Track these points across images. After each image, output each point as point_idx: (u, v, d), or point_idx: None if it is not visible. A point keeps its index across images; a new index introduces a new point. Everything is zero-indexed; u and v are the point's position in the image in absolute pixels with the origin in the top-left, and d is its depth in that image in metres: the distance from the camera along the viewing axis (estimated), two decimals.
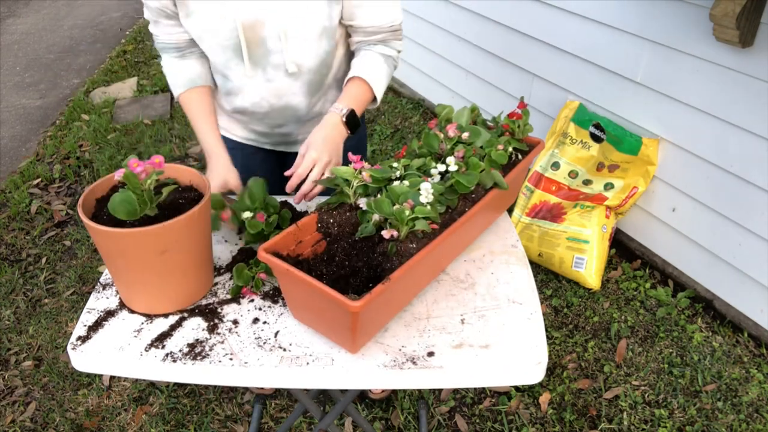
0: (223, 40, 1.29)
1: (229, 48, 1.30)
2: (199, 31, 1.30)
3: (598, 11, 2.30)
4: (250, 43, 1.29)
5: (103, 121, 3.85)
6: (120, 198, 0.96)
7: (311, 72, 1.37)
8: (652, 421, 1.90)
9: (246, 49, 1.29)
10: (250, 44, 1.29)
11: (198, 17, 1.27)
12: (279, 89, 1.38)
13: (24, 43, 5.40)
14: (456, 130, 1.22)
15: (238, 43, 1.29)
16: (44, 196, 3.15)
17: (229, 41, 1.29)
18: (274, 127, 1.50)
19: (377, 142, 3.47)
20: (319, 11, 1.27)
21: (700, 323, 2.22)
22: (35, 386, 2.10)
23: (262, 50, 1.30)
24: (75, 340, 1.05)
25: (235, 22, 1.26)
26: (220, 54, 1.32)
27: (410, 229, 1.01)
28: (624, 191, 2.32)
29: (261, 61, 1.32)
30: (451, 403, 1.97)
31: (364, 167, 1.10)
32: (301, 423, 1.89)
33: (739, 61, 1.89)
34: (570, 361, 2.10)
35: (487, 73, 3.07)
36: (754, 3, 1.71)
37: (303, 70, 1.35)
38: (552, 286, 2.41)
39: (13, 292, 2.51)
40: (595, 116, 2.42)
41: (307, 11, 1.27)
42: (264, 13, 1.25)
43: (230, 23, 1.26)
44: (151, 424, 1.93)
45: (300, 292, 1.01)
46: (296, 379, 1.00)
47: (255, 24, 1.26)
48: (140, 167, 0.96)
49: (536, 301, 1.13)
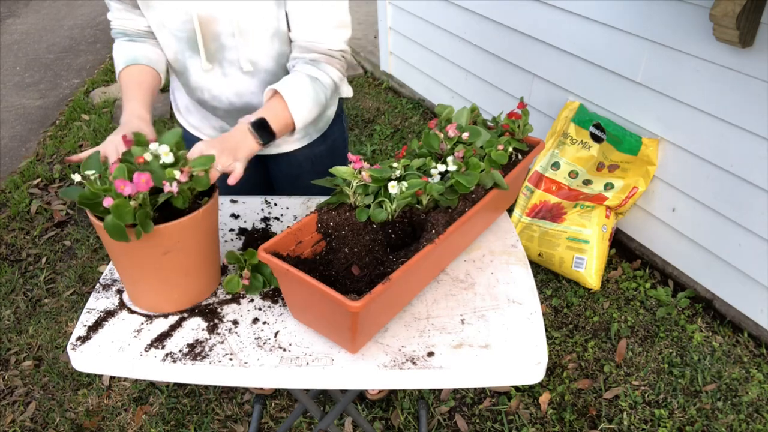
0: (179, 32, 1.30)
1: (184, 39, 1.32)
2: (158, 21, 1.32)
3: (598, 11, 2.30)
4: (205, 37, 1.30)
5: (103, 121, 3.85)
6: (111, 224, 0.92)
7: (267, 72, 1.37)
8: (652, 421, 1.90)
9: (201, 41, 1.30)
10: (206, 38, 1.30)
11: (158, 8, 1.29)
12: (237, 87, 1.38)
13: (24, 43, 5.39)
14: (456, 130, 1.22)
15: (194, 36, 1.30)
16: (44, 196, 3.14)
17: (183, 33, 1.30)
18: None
19: (377, 142, 3.47)
20: (269, 13, 1.28)
21: (700, 323, 2.22)
22: (35, 386, 2.10)
23: (216, 45, 1.31)
24: (75, 340, 1.05)
25: (190, 15, 1.27)
26: (175, 44, 1.33)
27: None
28: (624, 191, 2.32)
29: (216, 56, 1.33)
30: (451, 403, 1.97)
31: (364, 167, 1.10)
32: (301, 423, 1.89)
33: (739, 61, 1.89)
34: (570, 361, 2.10)
35: (487, 73, 3.07)
36: (754, 3, 1.71)
37: (259, 68, 1.35)
38: (552, 286, 2.41)
39: (13, 292, 2.51)
40: (596, 116, 2.42)
41: (257, 11, 1.27)
42: (218, 9, 1.27)
43: (183, 15, 1.28)
44: (151, 424, 1.93)
45: (300, 293, 1.01)
46: (296, 379, 1.00)
47: (209, 19, 1.28)
48: (128, 187, 0.91)
49: (536, 301, 1.13)
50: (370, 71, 4.35)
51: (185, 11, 1.27)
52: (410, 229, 1.12)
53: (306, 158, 1.58)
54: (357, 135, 3.56)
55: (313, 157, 1.58)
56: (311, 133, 1.55)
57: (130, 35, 1.38)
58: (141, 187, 0.92)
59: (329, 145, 1.60)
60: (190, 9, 1.26)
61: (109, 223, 0.92)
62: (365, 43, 4.69)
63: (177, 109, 1.59)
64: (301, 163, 1.59)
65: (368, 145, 3.42)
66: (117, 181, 0.91)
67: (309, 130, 1.54)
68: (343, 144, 1.66)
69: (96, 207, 0.95)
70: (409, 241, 1.11)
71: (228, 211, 1.41)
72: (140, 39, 1.38)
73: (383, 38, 3.98)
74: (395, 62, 4.00)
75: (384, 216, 1.09)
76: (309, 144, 1.56)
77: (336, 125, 1.61)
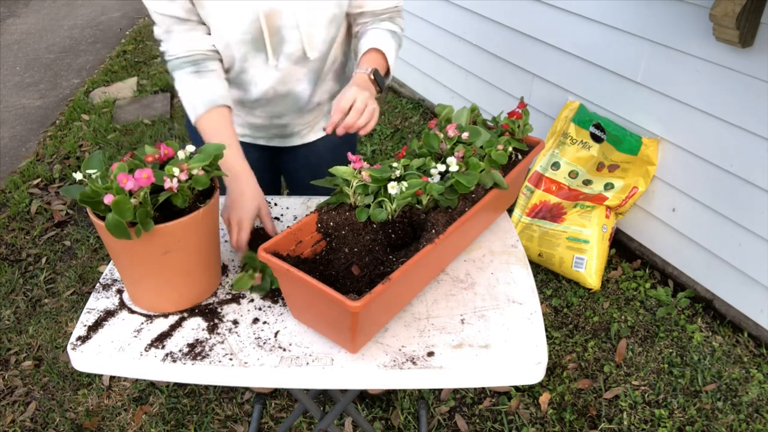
0: (242, 34, 1.29)
1: (248, 42, 1.31)
2: (218, 27, 1.29)
3: (598, 11, 2.30)
4: (269, 33, 1.30)
5: (103, 121, 3.85)
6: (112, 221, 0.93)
7: (316, 59, 1.39)
8: (652, 421, 1.90)
9: (269, 38, 1.30)
10: (270, 34, 1.30)
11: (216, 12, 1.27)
12: (285, 76, 1.39)
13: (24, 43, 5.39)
14: (456, 130, 1.22)
15: (257, 35, 1.30)
16: (44, 196, 3.14)
17: (248, 34, 1.29)
18: (273, 117, 1.49)
19: (377, 142, 3.47)
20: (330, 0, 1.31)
21: (700, 323, 2.22)
22: (35, 386, 2.10)
23: (278, 39, 1.32)
24: (75, 340, 1.05)
25: (255, 14, 1.27)
26: (238, 49, 1.32)
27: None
28: (624, 191, 2.32)
29: (277, 50, 1.34)
30: (451, 403, 1.97)
31: (364, 167, 1.10)
32: (301, 423, 1.89)
33: (739, 61, 1.89)
34: (570, 361, 2.10)
35: (487, 73, 3.07)
36: (754, 3, 1.71)
37: (310, 56, 1.37)
38: (552, 286, 2.41)
39: (13, 292, 2.51)
40: (596, 116, 2.42)
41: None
42: (280, 3, 1.27)
43: (250, 15, 1.27)
44: (151, 424, 1.93)
45: (300, 292, 1.01)
46: (296, 379, 1.00)
47: (273, 13, 1.27)
48: (130, 182, 0.91)
49: (536, 301, 1.13)
50: None
51: (251, 11, 1.26)
52: (410, 229, 1.12)
53: (326, 147, 1.60)
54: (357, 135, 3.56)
55: (332, 146, 1.61)
56: None
57: (197, 63, 1.29)
58: (142, 182, 0.92)
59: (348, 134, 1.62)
60: (255, 7, 1.26)
61: (110, 220, 0.92)
62: None
63: None
64: (321, 152, 1.61)
65: (368, 145, 3.42)
66: (119, 176, 0.91)
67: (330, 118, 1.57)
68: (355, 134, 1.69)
69: (97, 205, 0.95)
70: (409, 241, 1.11)
71: None
72: (206, 66, 1.30)
73: None
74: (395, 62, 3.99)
75: (384, 216, 1.09)
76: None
77: None
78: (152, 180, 0.93)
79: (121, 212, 0.92)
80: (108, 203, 0.91)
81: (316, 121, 1.56)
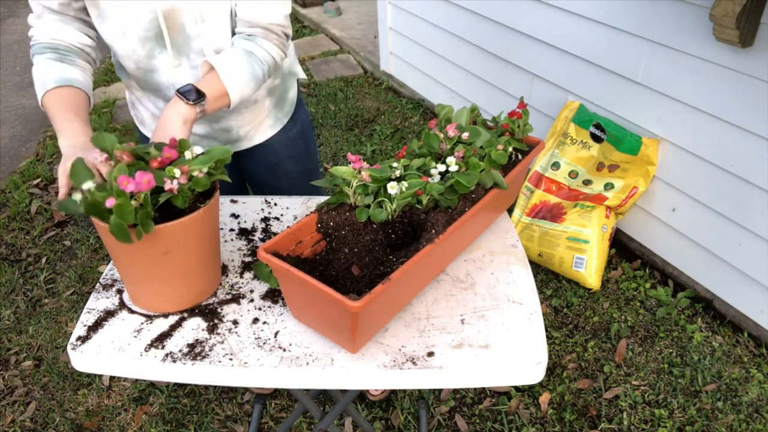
0: (143, 31, 1.27)
1: (152, 39, 1.29)
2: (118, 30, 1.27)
3: (598, 11, 2.30)
4: (171, 30, 1.28)
5: (103, 121, 3.86)
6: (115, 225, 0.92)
7: None
8: (652, 421, 1.90)
9: (168, 36, 1.28)
10: (171, 31, 1.28)
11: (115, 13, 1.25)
12: None
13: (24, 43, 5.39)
14: (456, 130, 1.22)
15: (159, 32, 1.28)
16: (44, 196, 3.15)
17: (149, 32, 1.27)
18: (211, 122, 1.48)
19: (377, 142, 3.47)
20: None
21: (700, 323, 2.22)
22: (35, 386, 2.10)
23: (182, 36, 1.29)
24: (75, 340, 1.05)
25: (154, 12, 1.25)
26: (142, 47, 1.30)
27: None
28: (624, 191, 2.32)
29: (183, 48, 1.31)
30: (451, 403, 1.97)
31: (364, 167, 1.10)
32: (301, 423, 1.89)
33: (739, 61, 1.89)
34: (570, 361, 2.10)
35: (487, 73, 3.07)
36: (754, 3, 1.71)
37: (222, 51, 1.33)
38: (552, 286, 2.41)
39: (13, 292, 2.51)
40: (596, 116, 2.42)
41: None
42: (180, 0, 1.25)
43: (149, 14, 1.25)
44: (151, 424, 1.93)
45: (300, 292, 1.01)
46: (296, 379, 1.00)
47: (173, 10, 1.26)
48: (131, 184, 0.92)
49: (536, 301, 1.13)
50: (370, 71, 4.35)
51: (150, 9, 1.24)
52: (410, 229, 1.12)
53: (281, 144, 1.60)
54: (357, 135, 3.56)
55: (287, 142, 1.61)
56: (281, 118, 1.58)
57: (61, 52, 1.27)
58: (143, 186, 0.92)
59: (299, 127, 1.64)
60: (154, 6, 1.24)
61: (114, 224, 0.92)
62: (365, 43, 4.69)
63: (141, 123, 1.55)
64: (277, 149, 1.61)
65: (368, 145, 3.42)
66: (120, 178, 0.91)
67: (278, 115, 1.56)
68: (310, 125, 1.70)
69: (102, 213, 0.95)
70: (409, 241, 1.11)
71: (228, 211, 1.41)
72: (70, 58, 1.28)
73: (383, 38, 3.98)
74: (395, 62, 4.00)
75: (384, 216, 1.09)
76: (282, 129, 1.59)
77: (300, 107, 1.65)
78: (153, 184, 0.93)
79: (123, 215, 0.92)
80: (110, 206, 0.91)
81: (260, 120, 1.53)
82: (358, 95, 4.02)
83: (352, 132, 3.59)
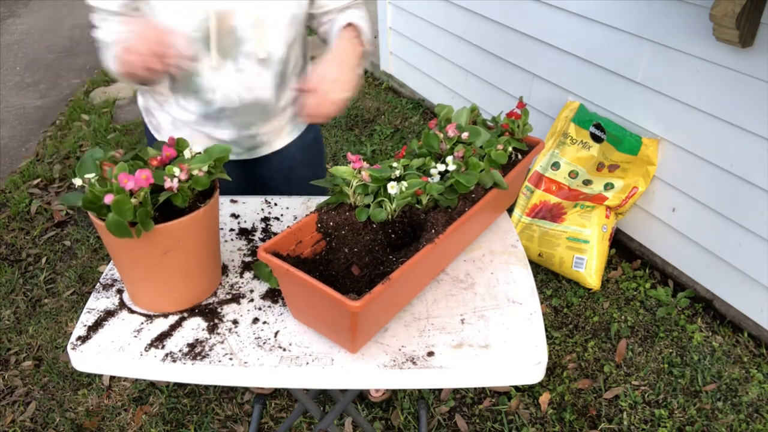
0: (192, 31, 1.27)
1: (199, 40, 1.29)
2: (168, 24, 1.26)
3: (598, 11, 2.30)
4: (220, 33, 1.28)
5: (103, 121, 3.86)
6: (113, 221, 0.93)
7: (280, 62, 1.38)
8: (652, 421, 1.90)
9: (215, 39, 1.28)
10: (221, 34, 1.28)
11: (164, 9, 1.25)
12: (249, 82, 1.37)
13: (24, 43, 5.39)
14: (456, 130, 1.22)
15: (208, 33, 1.28)
16: (44, 196, 3.15)
17: (198, 32, 1.27)
18: (242, 128, 1.47)
19: (377, 142, 3.47)
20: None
21: (700, 323, 2.22)
22: (35, 386, 2.10)
23: (232, 40, 1.30)
24: (75, 340, 1.05)
25: (206, 13, 1.25)
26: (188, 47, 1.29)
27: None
28: (624, 191, 2.32)
29: (231, 51, 1.32)
30: (451, 403, 1.97)
31: (364, 167, 1.10)
32: (301, 423, 1.89)
33: (739, 61, 1.89)
34: (570, 361, 2.10)
35: (487, 73, 3.07)
36: (754, 3, 1.71)
37: (273, 59, 1.36)
38: (552, 286, 2.41)
39: (13, 292, 2.51)
40: (596, 116, 2.42)
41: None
42: (235, 1, 1.26)
43: (201, 14, 1.25)
44: (151, 424, 1.93)
45: (300, 292, 1.01)
46: (296, 379, 1.00)
47: (226, 13, 1.26)
48: (131, 182, 0.92)
49: (536, 301, 1.13)
50: (370, 71, 4.35)
51: (202, 10, 1.25)
52: (410, 229, 1.12)
53: (297, 148, 1.61)
54: (357, 135, 3.56)
55: (303, 147, 1.62)
56: (299, 125, 1.59)
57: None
58: (142, 183, 0.92)
59: (314, 132, 1.65)
60: (206, 7, 1.24)
61: (111, 220, 0.92)
62: None
63: (156, 130, 1.51)
64: (294, 155, 1.61)
65: (368, 145, 3.42)
66: (120, 176, 0.91)
67: (297, 121, 1.57)
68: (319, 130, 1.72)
69: (100, 210, 0.95)
70: (409, 241, 1.11)
71: (228, 211, 1.41)
72: None
73: (383, 38, 3.98)
74: (395, 62, 4.00)
75: (384, 216, 1.09)
76: (300, 135, 1.60)
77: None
78: (151, 181, 0.94)
79: (122, 212, 0.92)
80: (108, 203, 0.91)
81: (282, 127, 1.54)
82: (358, 95, 4.02)
83: (352, 132, 3.60)
